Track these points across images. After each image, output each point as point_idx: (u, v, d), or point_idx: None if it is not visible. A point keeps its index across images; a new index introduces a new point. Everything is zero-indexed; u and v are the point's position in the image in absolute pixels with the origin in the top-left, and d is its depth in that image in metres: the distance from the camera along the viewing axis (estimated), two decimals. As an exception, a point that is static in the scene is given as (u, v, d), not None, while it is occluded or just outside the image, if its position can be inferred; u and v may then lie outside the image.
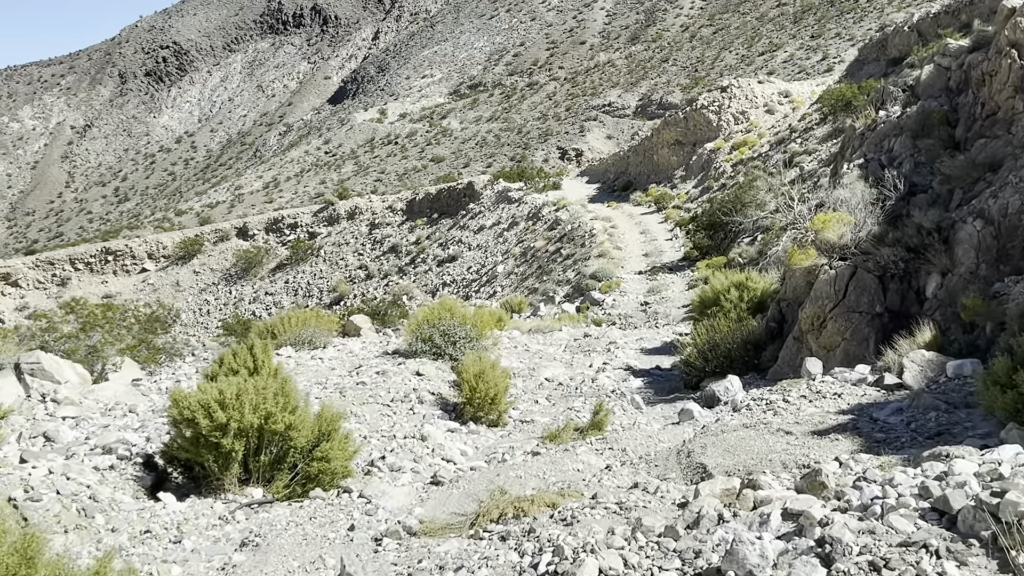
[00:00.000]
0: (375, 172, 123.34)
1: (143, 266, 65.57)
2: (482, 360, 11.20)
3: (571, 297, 32.83)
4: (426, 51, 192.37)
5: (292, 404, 7.55)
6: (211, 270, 64.69)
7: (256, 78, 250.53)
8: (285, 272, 61.03)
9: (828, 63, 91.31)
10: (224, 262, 64.23)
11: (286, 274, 60.75)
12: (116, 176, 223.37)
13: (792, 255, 10.92)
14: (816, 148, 34.55)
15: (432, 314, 13.63)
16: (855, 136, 14.96)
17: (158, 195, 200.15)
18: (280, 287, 59.89)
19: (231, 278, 62.77)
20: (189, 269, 64.92)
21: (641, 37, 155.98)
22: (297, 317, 17.22)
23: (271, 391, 7.51)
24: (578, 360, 16.53)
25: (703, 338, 12.11)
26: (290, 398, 7.57)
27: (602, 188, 57.76)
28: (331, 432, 7.71)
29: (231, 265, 63.32)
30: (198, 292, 63.56)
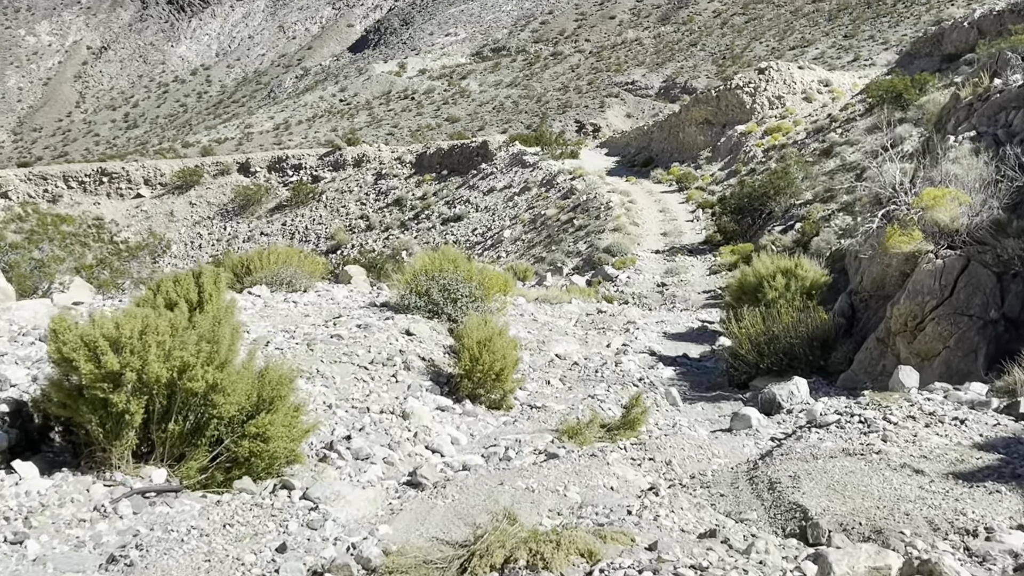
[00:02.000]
0: (388, 125, 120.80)
1: (138, 191, 63.21)
2: (488, 325, 8.99)
3: (581, 270, 30.62)
4: (453, 9, 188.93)
5: (223, 355, 5.31)
6: (208, 203, 62.36)
7: (279, 18, 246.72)
8: (284, 214, 58.71)
9: (860, 64, 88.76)
10: (222, 196, 61.88)
11: (284, 215, 58.44)
12: (127, 102, 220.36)
13: (890, 236, 8.69)
14: (859, 139, 32.22)
15: (432, 264, 11.39)
16: (960, 107, 12.66)
17: (167, 125, 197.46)
18: (277, 228, 57.59)
19: (227, 214, 60.47)
20: (185, 200, 62.59)
21: (672, 18, 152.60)
22: (277, 254, 15.00)
23: (197, 334, 5.29)
24: (593, 338, 14.34)
25: (758, 328, 9.92)
26: (222, 346, 5.32)
27: (621, 162, 55.35)
28: (275, 400, 5.47)
29: (229, 200, 60.99)
30: (192, 224, 61.31)
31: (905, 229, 8.60)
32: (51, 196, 61.40)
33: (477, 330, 8.73)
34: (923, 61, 36.73)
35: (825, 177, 29.89)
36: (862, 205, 15.52)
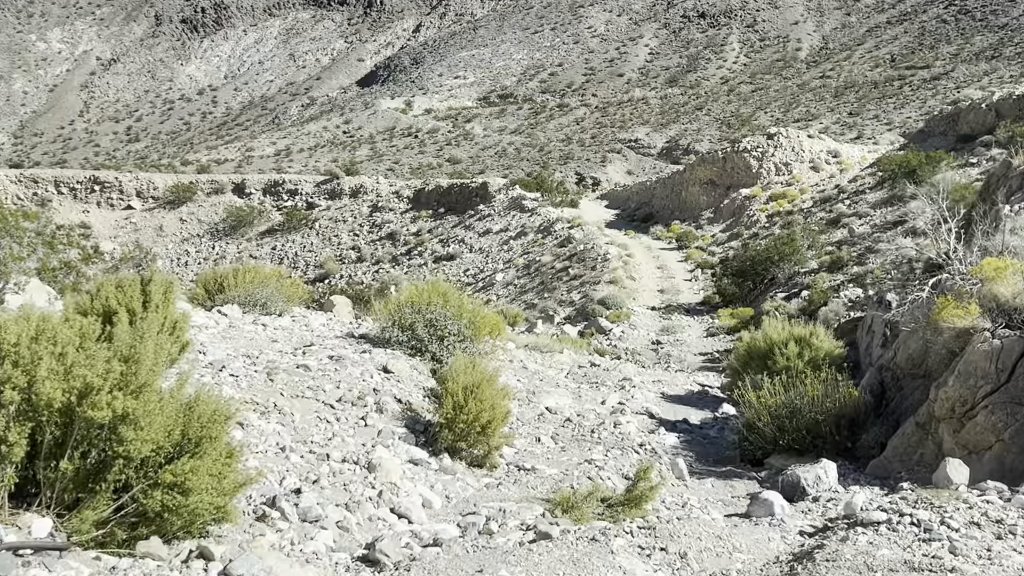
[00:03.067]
0: (389, 160, 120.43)
1: (129, 203, 62.11)
2: (476, 369, 7.84)
3: (573, 320, 29.55)
4: (464, 53, 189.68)
5: (142, 378, 4.12)
6: (199, 221, 61.26)
7: (290, 47, 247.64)
8: (275, 238, 57.60)
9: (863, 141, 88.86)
10: (214, 215, 60.79)
11: (275, 240, 57.32)
12: (131, 115, 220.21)
13: (941, 308, 7.63)
14: (868, 212, 31.42)
15: (419, 296, 10.25)
16: (1013, 174, 11.65)
17: (169, 142, 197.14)
18: (266, 252, 56.43)
19: (217, 233, 59.34)
20: (176, 215, 61.50)
21: (679, 81, 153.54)
22: (254, 272, 13.87)
23: (112, 348, 4.14)
24: (586, 392, 13.22)
25: (778, 399, 8.81)
26: (141, 366, 4.13)
27: (621, 215, 54.55)
28: (203, 441, 4.27)
29: (220, 220, 59.88)
30: (180, 241, 60.17)
31: (960, 301, 7.56)
32: (40, 200, 60.30)
33: (464, 374, 7.59)
34: (937, 140, 36.08)
35: (832, 247, 28.99)
36: (901, 272, 14.50)
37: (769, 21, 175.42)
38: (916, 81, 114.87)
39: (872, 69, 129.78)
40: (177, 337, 6.80)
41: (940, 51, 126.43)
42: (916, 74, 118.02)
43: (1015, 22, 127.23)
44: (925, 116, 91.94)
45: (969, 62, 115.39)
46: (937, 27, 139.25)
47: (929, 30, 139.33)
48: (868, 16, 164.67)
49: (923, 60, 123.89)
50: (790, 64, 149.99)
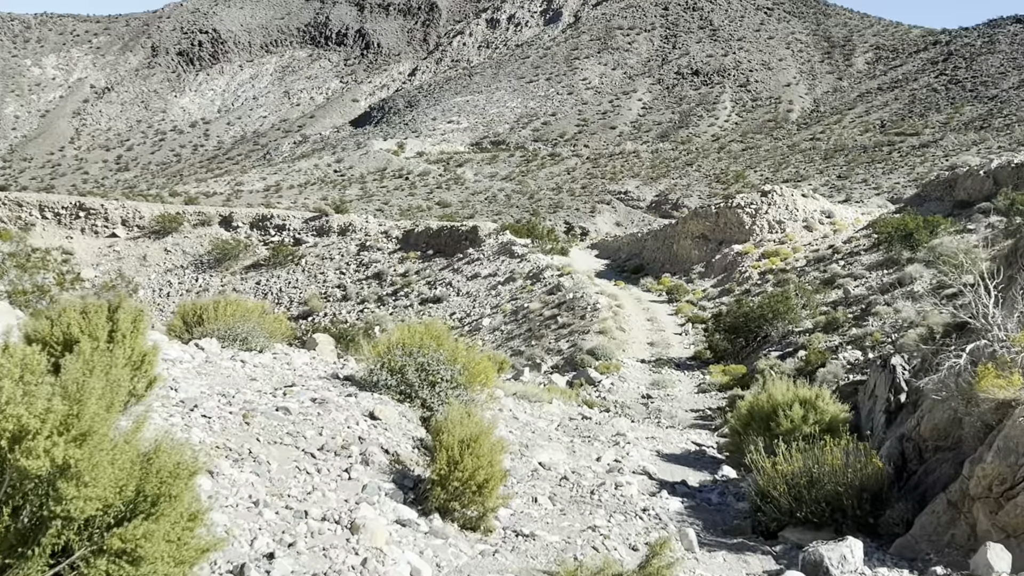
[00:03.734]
0: (379, 201, 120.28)
1: (114, 231, 61.36)
2: (472, 420, 7.16)
3: (561, 369, 28.88)
4: (458, 98, 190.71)
5: (87, 422, 3.39)
6: (183, 252, 60.52)
7: (285, 84, 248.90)
8: (260, 272, 56.86)
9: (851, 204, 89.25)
10: (199, 247, 60.07)
11: (260, 275, 56.56)
12: (122, 144, 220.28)
13: (982, 377, 7.03)
14: (863, 274, 31.00)
15: (411, 337, 9.57)
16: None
17: (158, 172, 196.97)
18: (250, 286, 55.64)
19: (201, 265, 58.57)
20: (161, 246, 60.74)
21: (671, 136, 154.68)
22: (235, 305, 13.19)
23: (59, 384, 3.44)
24: (580, 447, 12.53)
25: (795, 466, 8.15)
26: (86, 407, 3.39)
27: (611, 265, 54.17)
28: (161, 500, 3.55)
29: (205, 252, 59.16)
30: (163, 272, 59.33)
31: (1003, 370, 6.98)
32: (23, 224, 59.52)
33: (460, 425, 6.90)
34: (933, 204, 35.85)
35: (827, 307, 28.49)
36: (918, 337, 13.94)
37: (762, 82, 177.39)
38: (905, 148, 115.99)
39: (862, 134, 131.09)
40: (145, 371, 6.12)
41: (930, 119, 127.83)
42: (905, 141, 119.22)
43: (1004, 94, 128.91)
44: (914, 182, 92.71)
45: (958, 131, 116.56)
46: (928, 95, 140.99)
47: (920, 98, 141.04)
48: (860, 81, 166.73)
49: (913, 127, 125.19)
50: (781, 125, 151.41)
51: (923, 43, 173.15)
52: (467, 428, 6.92)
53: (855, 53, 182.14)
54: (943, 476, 7.87)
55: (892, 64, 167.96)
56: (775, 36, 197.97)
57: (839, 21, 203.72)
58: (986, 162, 35.64)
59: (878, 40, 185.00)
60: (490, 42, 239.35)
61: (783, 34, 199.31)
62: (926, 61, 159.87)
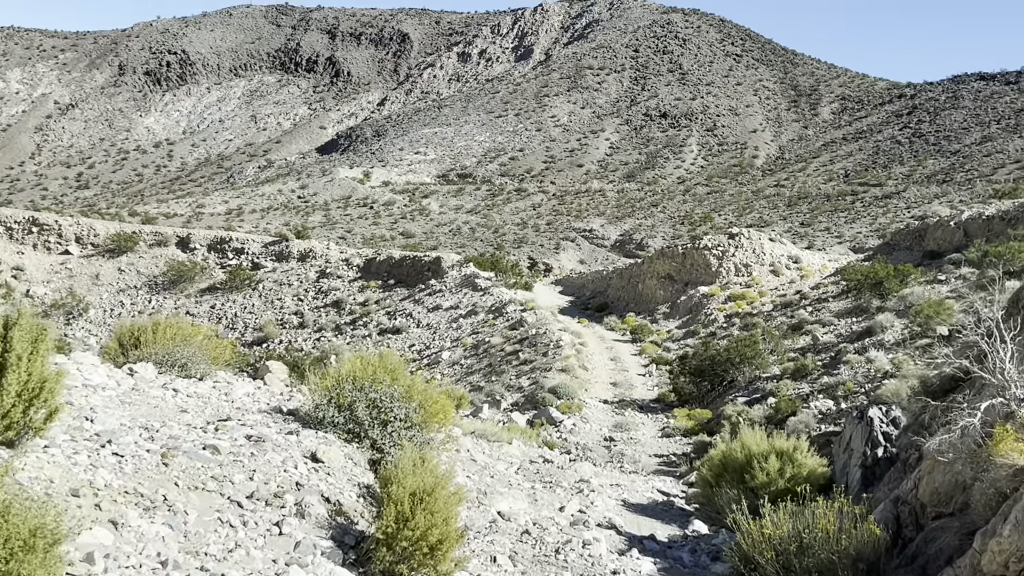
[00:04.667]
0: (342, 228, 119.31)
1: (67, 248, 59.78)
2: (427, 468, 6.26)
3: (521, 407, 27.99)
4: (426, 129, 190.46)
5: None
6: (138, 272, 59.04)
7: (253, 108, 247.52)
8: (215, 296, 55.52)
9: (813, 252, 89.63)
10: (154, 268, 58.63)
11: (216, 298, 55.23)
12: (84, 162, 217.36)
13: (999, 440, 6.27)
14: (832, 321, 30.48)
15: (363, 369, 8.67)
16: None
17: (119, 191, 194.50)
18: (205, 310, 54.29)
19: (156, 286, 57.12)
20: (114, 265, 59.22)
21: (637, 177, 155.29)
22: (176, 328, 12.21)
23: None
24: (541, 495, 11.66)
25: (783, 530, 7.35)
26: None
27: (575, 303, 53.48)
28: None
29: (160, 273, 57.72)
30: (116, 292, 57.80)
31: (1022, 433, 6.24)
32: (-27, 237, 57.87)
33: (413, 475, 6.00)
34: (903, 254, 35.58)
35: (795, 354, 27.91)
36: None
37: (729, 127, 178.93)
38: (868, 198, 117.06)
39: (826, 182, 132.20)
40: (45, 400, 5.20)
41: (893, 171, 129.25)
42: (868, 191, 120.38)
43: (967, 149, 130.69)
44: (876, 232, 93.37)
45: (921, 184, 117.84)
46: (891, 147, 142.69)
47: (883, 150, 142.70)
48: (825, 131, 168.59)
49: (876, 178, 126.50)
50: (746, 170, 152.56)
51: (888, 96, 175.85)
52: (420, 478, 6.03)
53: (821, 103, 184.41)
54: (947, 547, 7.09)
55: (857, 115, 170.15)
56: (743, 82, 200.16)
57: (806, 70, 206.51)
58: (956, 213, 35.47)
59: (844, 91, 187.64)
60: (460, 75, 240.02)
61: (751, 81, 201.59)
62: (891, 113, 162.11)
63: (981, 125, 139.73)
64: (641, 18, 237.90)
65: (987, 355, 6.80)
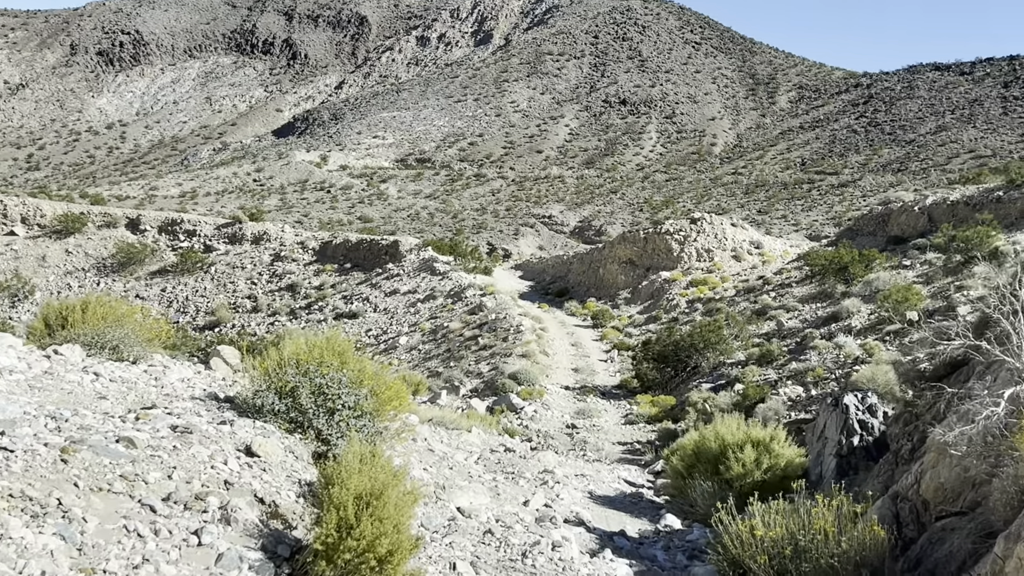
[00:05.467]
0: (298, 213, 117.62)
1: (12, 228, 57.87)
2: (377, 464, 5.40)
3: (481, 393, 27.19)
4: (385, 113, 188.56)
5: None
6: (86, 254, 57.32)
7: (208, 90, 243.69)
8: (166, 279, 54.01)
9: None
10: (103, 250, 56.94)
11: (166, 281, 53.73)
12: (34, 143, 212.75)
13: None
14: (796, 306, 29.97)
15: (308, 353, 7.77)
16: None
17: (71, 173, 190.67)
18: (155, 293, 52.81)
19: (104, 269, 55.48)
20: (62, 246, 57.43)
21: (597, 163, 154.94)
22: (107, 307, 11.22)
23: None
24: (504, 487, 10.85)
25: (776, 532, 6.58)
26: None
27: (536, 287, 52.73)
28: None
29: (110, 255, 56.06)
30: (63, 274, 56.08)
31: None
32: (-88, 217, 55.91)
33: (359, 474, 5.13)
34: (866, 239, 35.19)
35: (760, 339, 27.35)
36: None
37: (687, 114, 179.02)
38: (824, 186, 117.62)
39: (783, 170, 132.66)
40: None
41: (849, 159, 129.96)
42: (825, 179, 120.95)
43: (921, 139, 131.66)
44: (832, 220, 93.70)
45: (876, 172, 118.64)
46: (848, 136, 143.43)
47: (840, 139, 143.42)
48: (782, 119, 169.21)
49: (832, 167, 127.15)
50: (704, 158, 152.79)
51: (845, 85, 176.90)
52: (368, 477, 5.16)
53: (779, 91, 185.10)
54: (958, 551, 6.37)
55: (814, 104, 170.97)
56: (702, 70, 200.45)
57: (764, 59, 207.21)
58: (921, 198, 35.13)
59: (801, 80, 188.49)
60: (419, 59, 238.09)
61: (710, 69, 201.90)
62: (847, 103, 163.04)
63: (936, 115, 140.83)
64: (601, 4, 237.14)
65: (1009, 336, 6.08)
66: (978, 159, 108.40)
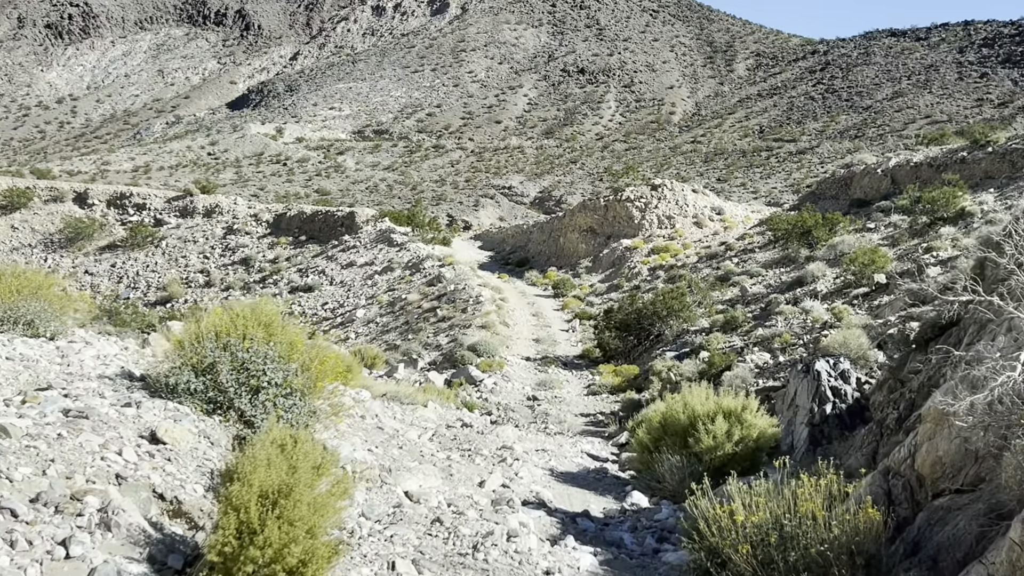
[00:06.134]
0: (254, 186, 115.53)
1: (-45, 205, 55.98)
2: (299, 452, 4.53)
3: (439, 366, 26.36)
4: (341, 84, 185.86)
5: None
6: (32, 230, 55.58)
7: (160, 63, 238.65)
8: (116, 254, 52.46)
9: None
10: (50, 225, 55.22)
11: (116, 257, 52.18)
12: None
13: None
14: (760, 272, 29.42)
15: (229, 324, 6.84)
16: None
17: (20, 149, 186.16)
18: (104, 269, 51.28)
19: (52, 244, 53.85)
20: (7, 222, 55.62)
21: (556, 133, 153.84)
22: (24, 278, 10.24)
23: None
24: (459, 466, 10.06)
25: (760, 516, 5.80)
26: None
27: (495, 258, 51.86)
28: None
29: (57, 231, 54.37)
30: (9, 250, 54.34)
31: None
32: None
33: (268, 466, 4.24)
34: (829, 203, 34.67)
35: (724, 306, 26.75)
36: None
37: (646, 83, 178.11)
38: (783, 153, 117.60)
39: (741, 138, 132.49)
40: None
41: (807, 127, 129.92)
42: (783, 147, 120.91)
43: (878, 105, 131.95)
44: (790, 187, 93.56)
45: (834, 139, 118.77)
46: (805, 103, 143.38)
47: (797, 106, 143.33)
48: (740, 87, 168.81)
49: (790, 134, 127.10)
50: (663, 127, 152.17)
51: (801, 52, 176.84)
52: (279, 470, 4.29)
53: (736, 59, 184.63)
54: (963, 535, 5.66)
55: (772, 71, 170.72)
56: (660, 39, 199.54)
57: (722, 27, 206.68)
58: (883, 160, 34.62)
59: (759, 47, 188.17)
60: (375, 30, 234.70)
61: (667, 37, 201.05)
62: (804, 70, 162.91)
63: (892, 81, 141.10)
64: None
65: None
66: (934, 124, 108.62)
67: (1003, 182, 28.05)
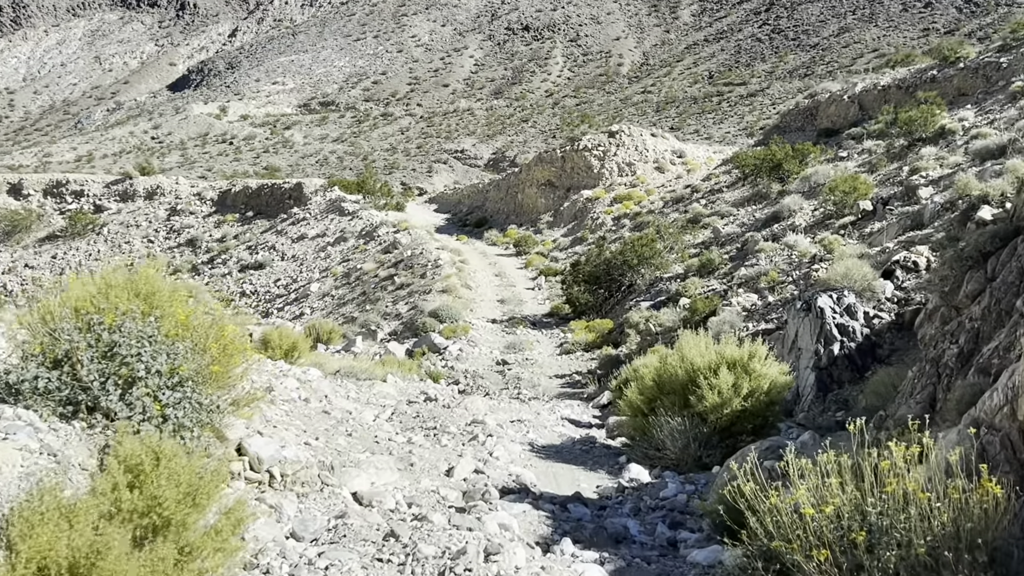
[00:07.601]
0: (201, 168, 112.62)
1: None
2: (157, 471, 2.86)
3: (400, 336, 24.68)
4: (282, 58, 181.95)
5: None
6: (-35, 225, 52.93)
7: (96, 49, 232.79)
8: (56, 245, 50.05)
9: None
10: (-16, 219, 52.64)
11: (56, 247, 49.78)
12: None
13: None
14: (731, 211, 27.95)
15: (94, 298, 5.03)
16: None
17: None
18: (45, 261, 48.91)
19: (-12, 239, 51.35)
20: (-61, 220, 52.93)
21: (505, 93, 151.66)
22: None
23: None
24: (422, 452, 8.41)
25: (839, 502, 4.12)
26: None
27: (452, 220, 50.07)
28: None
29: (-9, 225, 51.84)
30: (-58, 250, 51.73)
31: None
32: None
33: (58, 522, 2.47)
34: (795, 135, 33.25)
35: (697, 249, 25.27)
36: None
37: (592, 36, 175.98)
38: (734, 97, 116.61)
39: (691, 85, 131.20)
40: None
41: (756, 69, 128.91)
42: (733, 91, 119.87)
43: (825, 42, 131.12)
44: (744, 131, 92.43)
45: (783, 79, 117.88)
46: (752, 45, 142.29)
47: (745, 48, 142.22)
48: (686, 34, 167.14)
49: (739, 77, 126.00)
50: (612, 79, 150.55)
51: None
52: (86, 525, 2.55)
53: (680, 5, 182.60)
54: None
55: (717, 15, 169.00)
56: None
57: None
58: (849, 87, 33.19)
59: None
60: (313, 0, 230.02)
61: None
62: (749, 12, 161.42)
63: (837, 17, 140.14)
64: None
65: None
66: (882, 57, 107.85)
67: (980, 97, 26.74)
